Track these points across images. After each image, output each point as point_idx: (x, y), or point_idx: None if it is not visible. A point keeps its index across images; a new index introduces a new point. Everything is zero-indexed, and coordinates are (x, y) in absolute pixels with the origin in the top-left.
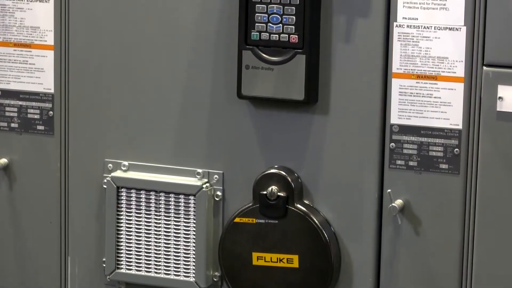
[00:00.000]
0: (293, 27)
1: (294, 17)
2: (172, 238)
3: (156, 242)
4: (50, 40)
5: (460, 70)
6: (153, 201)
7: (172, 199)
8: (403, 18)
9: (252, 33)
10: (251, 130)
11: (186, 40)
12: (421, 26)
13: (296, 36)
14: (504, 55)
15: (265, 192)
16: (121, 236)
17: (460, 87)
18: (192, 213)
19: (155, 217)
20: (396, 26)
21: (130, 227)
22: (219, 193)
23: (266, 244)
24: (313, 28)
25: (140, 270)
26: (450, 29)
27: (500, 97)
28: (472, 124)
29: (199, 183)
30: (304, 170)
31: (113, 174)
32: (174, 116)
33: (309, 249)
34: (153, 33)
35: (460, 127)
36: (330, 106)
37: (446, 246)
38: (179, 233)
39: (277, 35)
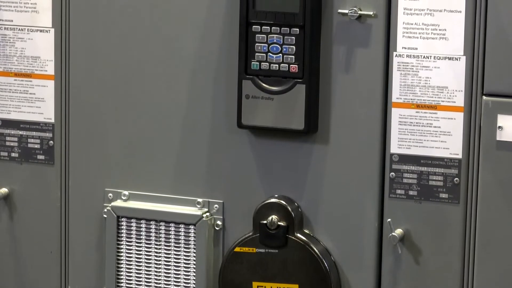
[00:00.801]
0: (293, 57)
1: (294, 47)
2: (172, 268)
3: (156, 271)
4: (50, 70)
5: (459, 100)
6: (153, 231)
7: (172, 229)
8: (402, 48)
9: (252, 62)
10: (251, 159)
11: (186, 70)
12: (421, 56)
13: (296, 65)
14: (504, 84)
15: (265, 222)
16: (121, 265)
17: (459, 116)
18: (192, 243)
19: (155, 246)
20: (396, 56)
21: (130, 257)
22: (219, 222)
23: (266, 274)
24: (313, 58)
25: None
26: (449, 58)
27: (499, 127)
28: (472, 153)
29: (199, 212)
30: (304, 199)
31: (113, 203)
32: (174, 145)
33: (310, 279)
34: (153, 63)
35: (460, 156)
36: (330, 135)
37: (446, 275)
38: (179, 262)
39: (277, 65)
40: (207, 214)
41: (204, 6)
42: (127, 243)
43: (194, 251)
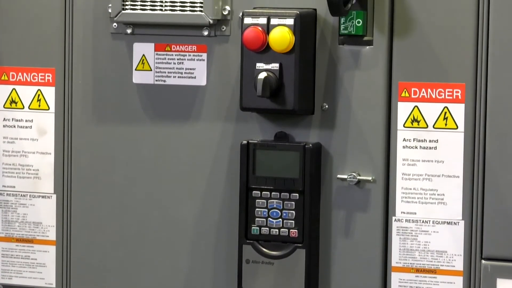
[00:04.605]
0: (293, 221)
1: (294, 212)
2: None
3: None
4: (52, 235)
5: (459, 264)
6: None
7: None
8: (401, 212)
9: (253, 227)
10: None
11: (187, 235)
12: (420, 220)
13: (296, 230)
14: (503, 248)
15: None
16: None
17: (459, 280)
18: None
19: None
20: (395, 220)
21: None
22: None
23: None
24: (312, 223)
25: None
26: (448, 223)
27: None
28: None
29: None
30: None
31: None
32: None
33: None
34: (153, 228)
35: None
36: None
37: None
38: None
39: (277, 230)
40: None
41: (204, 172)
42: None
43: None
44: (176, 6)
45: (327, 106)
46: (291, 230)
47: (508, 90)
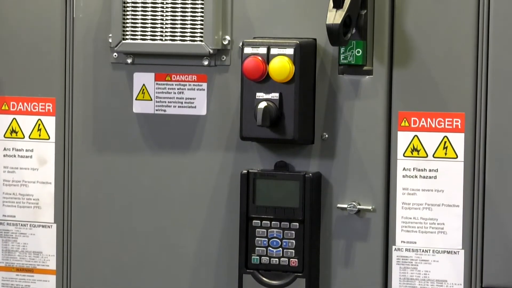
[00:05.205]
0: (293, 251)
1: (294, 241)
2: None
3: None
4: (52, 265)
5: None
6: None
7: None
8: (401, 241)
9: (253, 257)
10: None
11: (187, 264)
12: (420, 249)
13: (296, 260)
14: (503, 278)
15: None
16: None
17: None
18: None
19: None
20: (395, 249)
21: None
22: None
23: None
24: (312, 252)
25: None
26: (448, 252)
27: None
28: None
29: None
30: None
31: None
32: None
33: None
34: (154, 256)
35: None
36: None
37: None
38: None
39: (277, 259)
40: None
41: (204, 201)
42: None
43: None
44: (176, 36)
45: (327, 136)
46: (291, 259)
47: (507, 120)
